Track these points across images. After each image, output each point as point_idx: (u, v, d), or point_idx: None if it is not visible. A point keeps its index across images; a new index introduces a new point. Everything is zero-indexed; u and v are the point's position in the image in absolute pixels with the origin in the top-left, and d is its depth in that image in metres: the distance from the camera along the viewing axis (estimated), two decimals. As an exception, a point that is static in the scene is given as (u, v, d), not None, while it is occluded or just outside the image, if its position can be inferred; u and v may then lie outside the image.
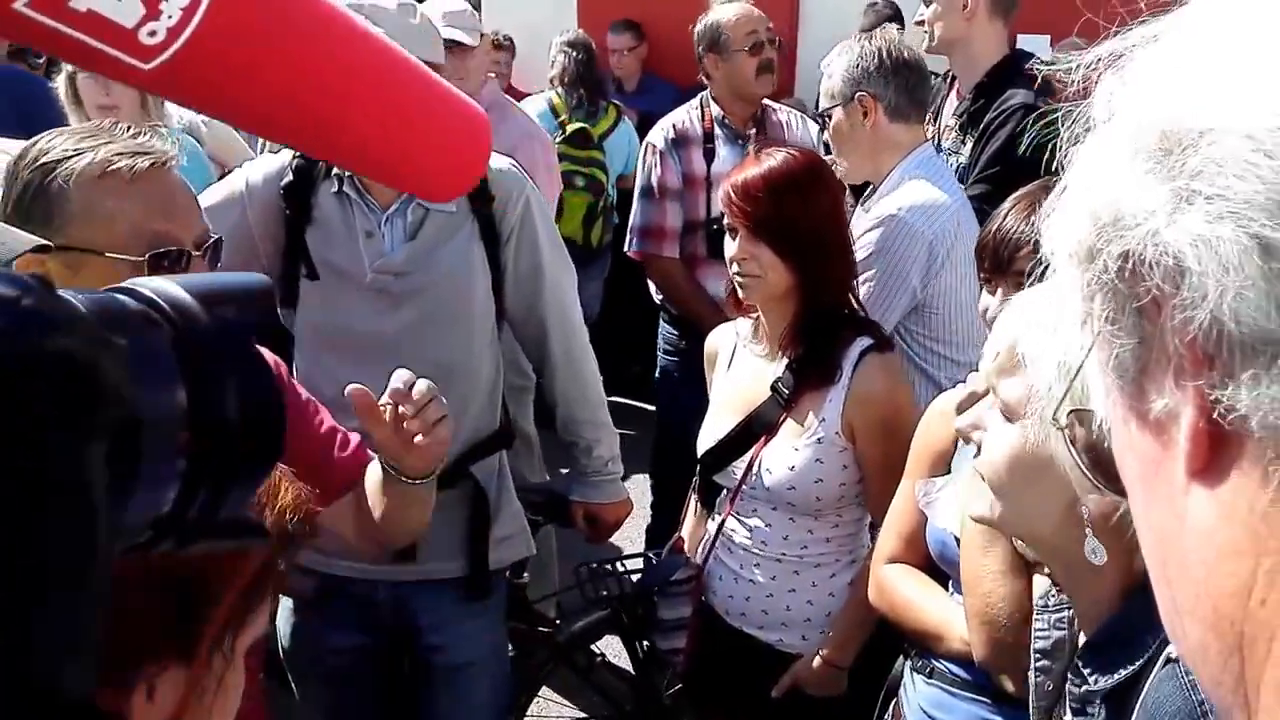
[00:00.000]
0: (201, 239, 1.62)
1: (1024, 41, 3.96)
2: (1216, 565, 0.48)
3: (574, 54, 5.40)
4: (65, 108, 3.24)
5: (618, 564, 2.94)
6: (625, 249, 3.92)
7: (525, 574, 3.12)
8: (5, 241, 1.18)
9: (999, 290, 1.94)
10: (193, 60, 0.53)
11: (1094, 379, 0.55)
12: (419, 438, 1.68)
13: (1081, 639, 1.31)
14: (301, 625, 2.50)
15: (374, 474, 1.81)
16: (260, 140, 3.72)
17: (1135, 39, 0.52)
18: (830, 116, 2.86)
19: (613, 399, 5.42)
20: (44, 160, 1.52)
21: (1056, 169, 0.57)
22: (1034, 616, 1.42)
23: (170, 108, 3.38)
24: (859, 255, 2.51)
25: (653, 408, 4.21)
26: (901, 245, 2.63)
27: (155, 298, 0.51)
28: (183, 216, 1.60)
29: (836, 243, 2.31)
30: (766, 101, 3.83)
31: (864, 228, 2.70)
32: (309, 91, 0.66)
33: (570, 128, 5.30)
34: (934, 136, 3.36)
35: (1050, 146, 0.59)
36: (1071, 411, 0.67)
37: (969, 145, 3.29)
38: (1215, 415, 0.46)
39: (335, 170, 2.36)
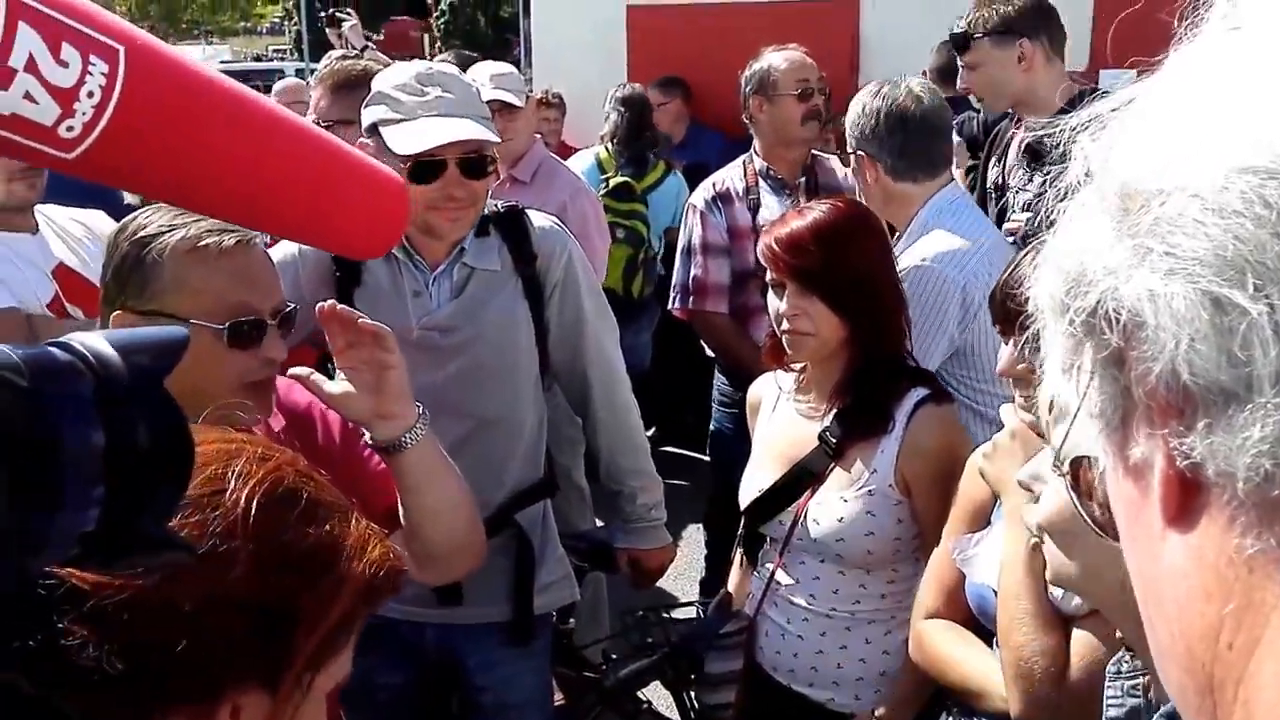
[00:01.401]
0: (279, 308, 1.73)
1: (1107, 77, 3.92)
2: (1188, 608, 0.50)
3: (626, 112, 5.45)
4: None
5: (666, 612, 2.91)
6: (669, 306, 3.91)
7: (572, 619, 3.12)
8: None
9: (1010, 340, 1.91)
10: (108, 149, 0.61)
11: (1087, 427, 0.57)
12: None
13: (1158, 704, 1.25)
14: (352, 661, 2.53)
15: None
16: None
17: (1115, 101, 0.54)
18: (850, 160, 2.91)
19: (666, 449, 5.46)
20: (141, 234, 1.64)
21: None
22: (1106, 684, 1.36)
23: None
24: None
25: (708, 458, 4.18)
26: (933, 295, 2.60)
27: (83, 350, 0.60)
28: (263, 289, 1.70)
29: (889, 290, 2.27)
30: (816, 151, 3.81)
31: None
32: (220, 169, 0.72)
33: (614, 181, 5.33)
34: (999, 175, 3.32)
35: None
36: (1072, 459, 0.69)
37: (1036, 180, 3.24)
38: (1180, 464, 0.48)
39: None
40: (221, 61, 43.85)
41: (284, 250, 2.51)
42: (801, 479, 2.28)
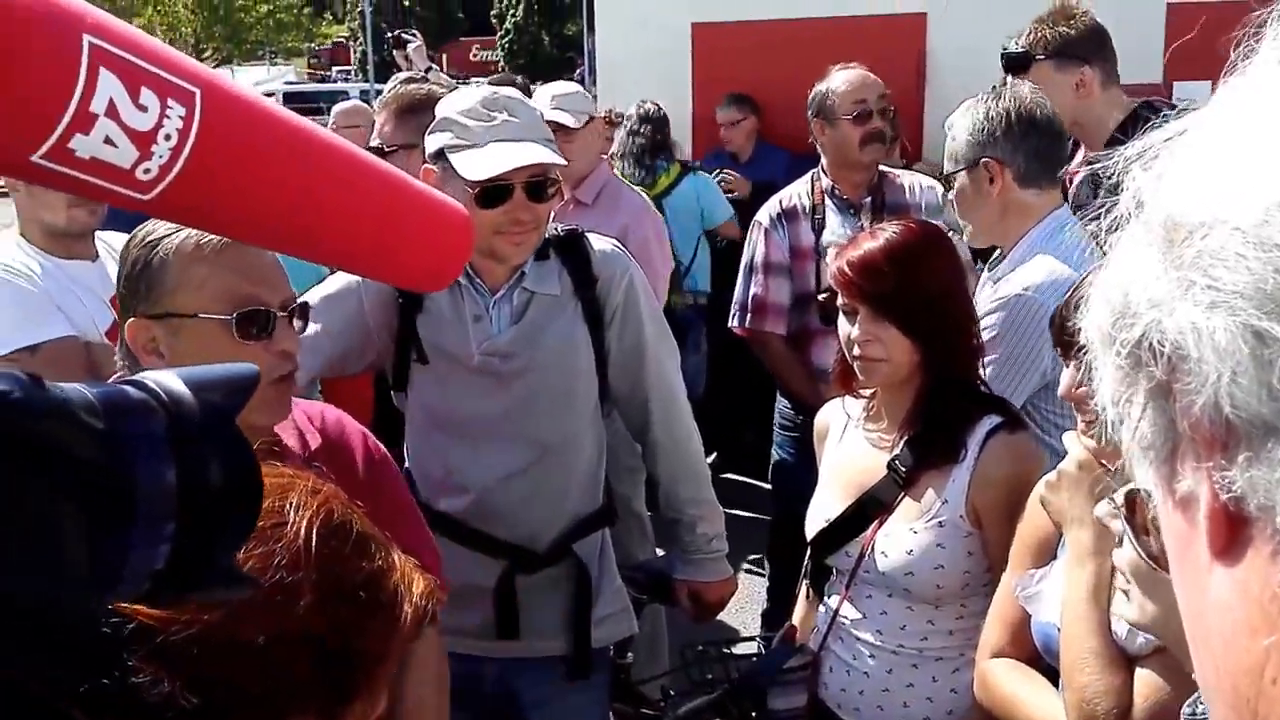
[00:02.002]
0: (287, 302, 1.72)
1: (1182, 89, 3.82)
2: (1233, 642, 0.50)
3: (648, 129, 5.50)
4: None
5: (727, 647, 2.84)
6: (729, 324, 3.86)
7: (630, 654, 3.06)
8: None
9: (1071, 363, 1.83)
10: (183, 189, 0.64)
11: (1138, 459, 0.57)
12: None
13: None
14: None
15: None
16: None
17: (1169, 131, 0.54)
18: (954, 180, 2.70)
19: (727, 476, 5.38)
20: (149, 238, 1.68)
21: None
22: None
23: None
24: (983, 336, 2.39)
25: (769, 486, 4.10)
26: (1031, 326, 2.49)
27: (156, 388, 0.61)
28: (268, 281, 1.70)
29: (962, 314, 2.21)
30: (884, 167, 3.73)
31: (987, 308, 2.54)
32: (287, 205, 0.74)
33: None
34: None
35: None
36: (1126, 492, 0.69)
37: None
38: (1223, 497, 0.48)
39: None
40: (286, 82, 44.77)
41: (343, 280, 2.51)
42: (869, 509, 2.21)
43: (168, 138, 0.61)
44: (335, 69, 51.54)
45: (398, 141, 3.19)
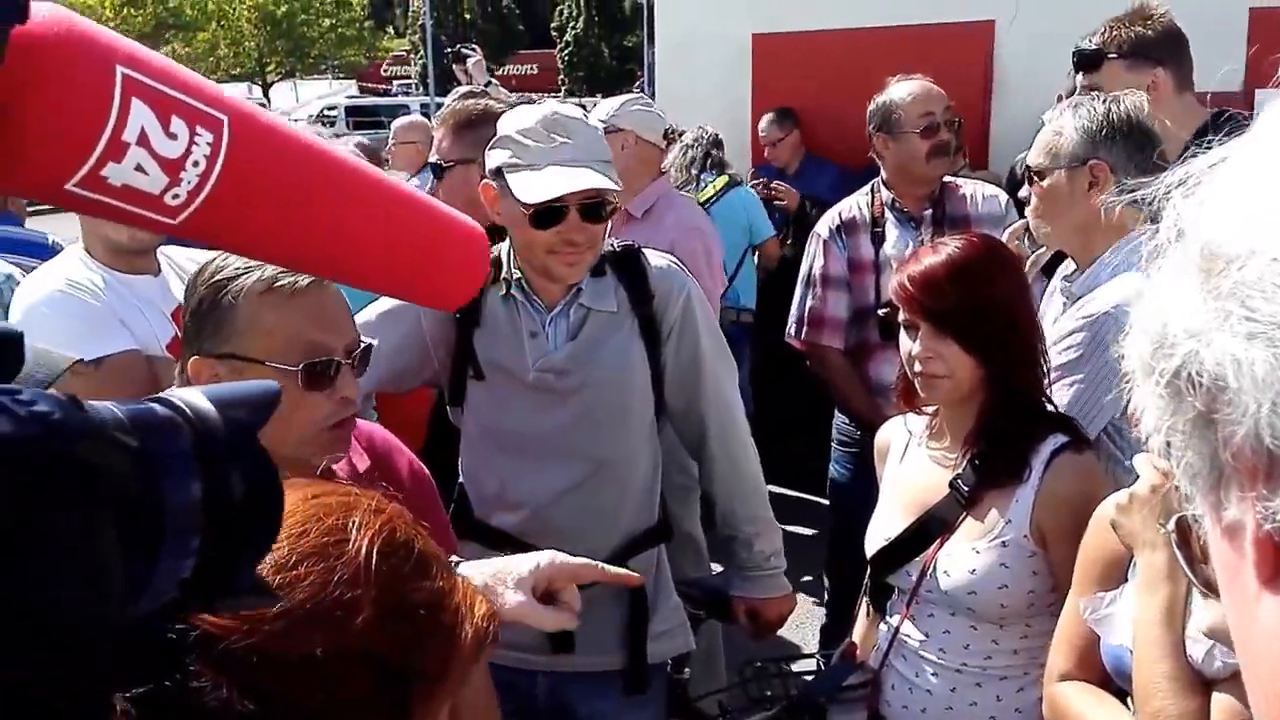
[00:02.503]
0: (351, 346, 1.74)
1: (1264, 97, 3.72)
2: None
3: (700, 150, 5.61)
4: None
5: (785, 664, 2.81)
6: (786, 336, 3.82)
7: (686, 669, 3.04)
8: (44, 364, 1.37)
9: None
10: (210, 213, 0.67)
11: (1185, 487, 0.56)
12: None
13: None
14: None
15: None
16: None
17: (1212, 158, 0.53)
18: (1043, 175, 2.52)
19: (783, 491, 5.34)
20: (218, 277, 1.68)
21: None
22: None
23: None
24: (1065, 357, 2.32)
25: (820, 500, 4.06)
26: (1118, 347, 2.41)
27: (182, 405, 0.63)
28: (335, 327, 1.71)
29: (1026, 329, 2.17)
30: (947, 177, 3.67)
31: (1071, 326, 2.41)
32: (311, 227, 0.76)
33: None
34: None
35: None
36: (1178, 519, 0.69)
37: None
38: (1266, 527, 0.48)
39: (504, 275, 2.45)
40: (348, 96, 45.45)
41: (394, 301, 2.50)
42: (931, 528, 2.18)
43: (195, 164, 0.64)
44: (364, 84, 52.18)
45: (455, 156, 3.20)
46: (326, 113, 38.92)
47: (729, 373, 2.61)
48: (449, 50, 6.42)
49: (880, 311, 2.63)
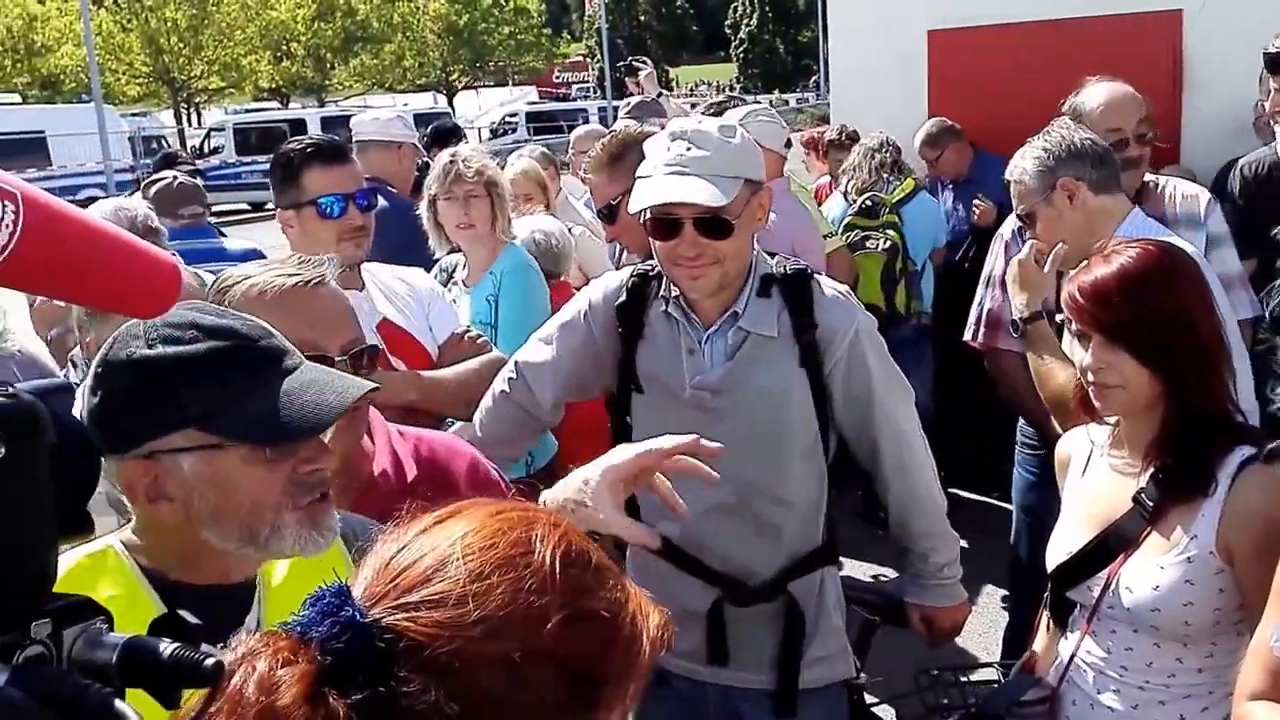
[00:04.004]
0: (349, 345, 1.81)
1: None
2: None
3: (881, 157, 5.68)
4: (427, 228, 3.63)
5: (963, 673, 2.79)
6: (964, 337, 3.77)
7: (862, 674, 3.04)
8: (342, 392, 1.39)
9: None
10: (13, 265, 0.82)
11: None
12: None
13: None
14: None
15: None
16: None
17: None
18: (1033, 218, 2.96)
19: (966, 494, 5.26)
20: (222, 286, 1.80)
21: None
22: None
23: (518, 227, 3.86)
24: None
25: (1000, 503, 3.99)
26: None
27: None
28: (327, 327, 1.80)
29: (1208, 339, 2.09)
30: (1147, 176, 3.51)
31: None
32: (78, 271, 0.92)
33: (859, 200, 5.56)
34: None
35: None
36: None
37: None
38: None
39: (663, 291, 2.46)
40: (529, 103, 46.43)
41: (577, 304, 2.61)
42: (1113, 543, 2.13)
43: (6, 227, 0.79)
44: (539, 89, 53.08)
45: (615, 192, 3.13)
46: (508, 119, 39.88)
47: (903, 398, 2.55)
48: (621, 64, 6.56)
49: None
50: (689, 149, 2.29)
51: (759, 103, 5.48)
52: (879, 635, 2.98)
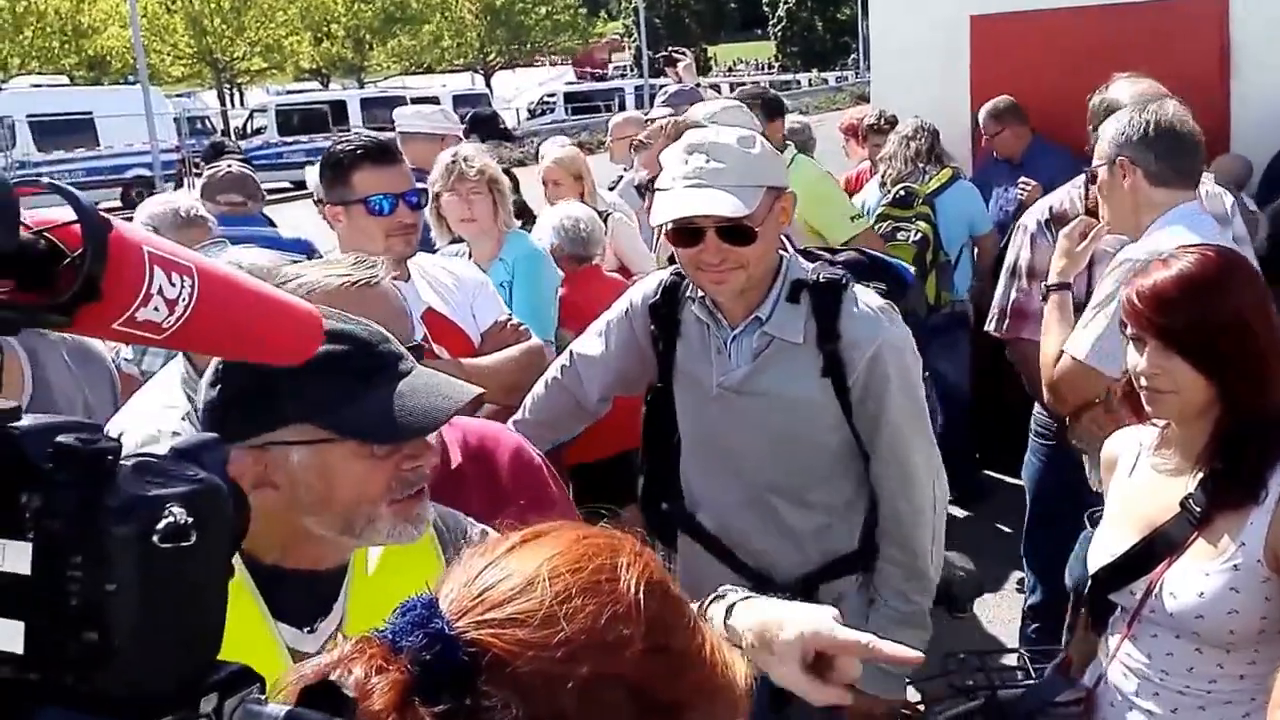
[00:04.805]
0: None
1: None
2: None
3: (918, 144, 5.63)
4: (430, 220, 3.70)
5: (989, 658, 2.80)
6: (986, 326, 3.75)
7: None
8: (451, 395, 1.45)
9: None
10: (185, 331, 0.86)
11: None
12: None
13: None
14: None
15: None
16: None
17: None
18: (1095, 175, 3.04)
19: (999, 477, 5.24)
20: (276, 283, 1.78)
21: None
22: None
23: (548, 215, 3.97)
24: (1099, 294, 2.55)
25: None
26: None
27: None
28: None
29: (1265, 345, 2.07)
30: None
31: (1110, 266, 2.80)
32: (238, 333, 0.98)
33: (894, 191, 5.51)
34: None
35: None
36: None
37: None
38: None
39: (690, 292, 2.52)
40: (567, 83, 46.38)
41: (623, 303, 2.68)
42: (1158, 547, 2.12)
43: (183, 299, 0.83)
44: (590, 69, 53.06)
45: None
46: (546, 99, 39.85)
47: (918, 433, 2.48)
48: (659, 57, 6.60)
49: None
50: (707, 161, 2.30)
51: (796, 82, 5.48)
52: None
